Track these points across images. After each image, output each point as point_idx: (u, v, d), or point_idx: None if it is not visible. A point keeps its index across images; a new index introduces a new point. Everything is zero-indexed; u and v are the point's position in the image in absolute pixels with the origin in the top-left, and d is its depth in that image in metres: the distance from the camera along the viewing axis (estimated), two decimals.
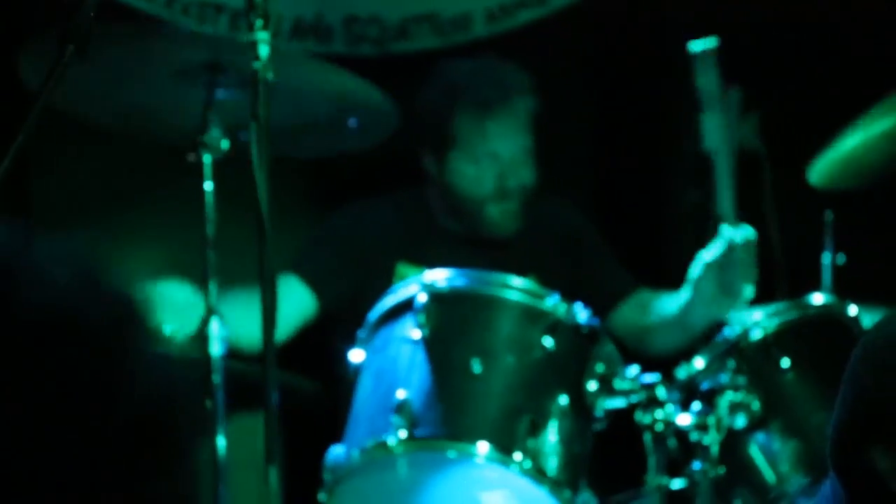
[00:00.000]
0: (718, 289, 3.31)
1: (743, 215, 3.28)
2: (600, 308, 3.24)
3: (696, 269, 3.34)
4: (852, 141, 3.29)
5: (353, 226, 3.80)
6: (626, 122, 4.29)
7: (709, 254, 3.32)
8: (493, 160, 3.69)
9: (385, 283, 3.57)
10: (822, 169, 3.32)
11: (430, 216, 3.83)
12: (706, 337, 3.22)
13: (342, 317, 3.60)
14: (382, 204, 3.88)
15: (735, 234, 3.27)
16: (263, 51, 2.65)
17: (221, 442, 2.90)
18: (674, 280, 3.44)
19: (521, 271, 3.66)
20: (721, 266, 3.29)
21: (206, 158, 2.93)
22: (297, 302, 3.63)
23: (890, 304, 3.20)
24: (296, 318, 3.60)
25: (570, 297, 3.07)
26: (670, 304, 3.53)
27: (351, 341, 3.14)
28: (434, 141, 3.71)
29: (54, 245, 1.17)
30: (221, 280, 3.01)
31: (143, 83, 3.05)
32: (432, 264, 3.65)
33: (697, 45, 3.18)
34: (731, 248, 3.27)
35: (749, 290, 3.29)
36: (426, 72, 3.70)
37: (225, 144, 2.93)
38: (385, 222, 3.81)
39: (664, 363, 3.12)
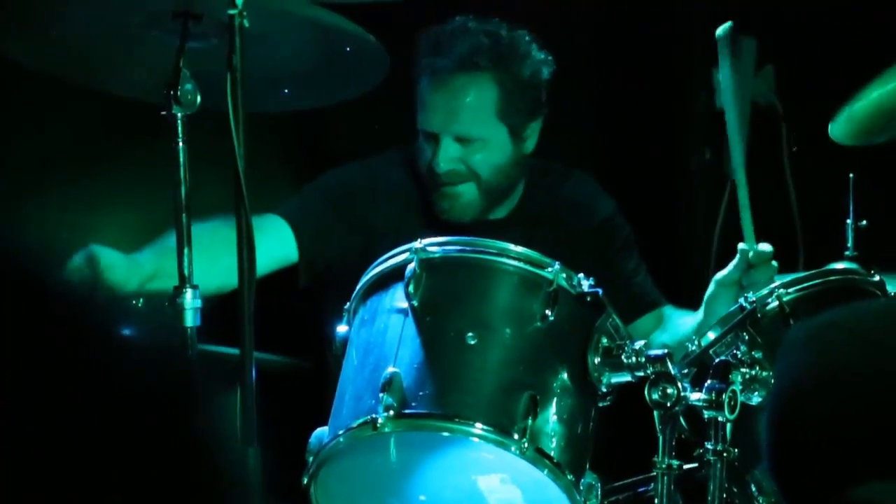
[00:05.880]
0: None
1: (759, 178, 3.15)
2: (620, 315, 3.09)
3: (709, 290, 3.27)
4: (875, 95, 3.12)
5: (359, 189, 3.62)
6: (636, 80, 4.15)
7: (721, 273, 3.24)
8: (429, 139, 3.53)
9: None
10: (843, 125, 3.16)
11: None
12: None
13: (336, 285, 3.42)
14: (392, 165, 3.68)
15: (750, 251, 3.19)
16: None
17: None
18: (685, 243, 3.35)
19: None
20: (737, 285, 3.22)
21: (179, 114, 2.72)
22: (275, 240, 3.45)
23: None
24: (271, 258, 3.42)
25: None
26: (686, 324, 3.43)
27: (340, 314, 2.95)
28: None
29: None
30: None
31: (110, 33, 2.87)
32: None
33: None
34: (746, 267, 3.20)
35: None
36: (405, 21, 3.53)
37: (199, 99, 2.74)
38: (397, 191, 3.62)
39: None
